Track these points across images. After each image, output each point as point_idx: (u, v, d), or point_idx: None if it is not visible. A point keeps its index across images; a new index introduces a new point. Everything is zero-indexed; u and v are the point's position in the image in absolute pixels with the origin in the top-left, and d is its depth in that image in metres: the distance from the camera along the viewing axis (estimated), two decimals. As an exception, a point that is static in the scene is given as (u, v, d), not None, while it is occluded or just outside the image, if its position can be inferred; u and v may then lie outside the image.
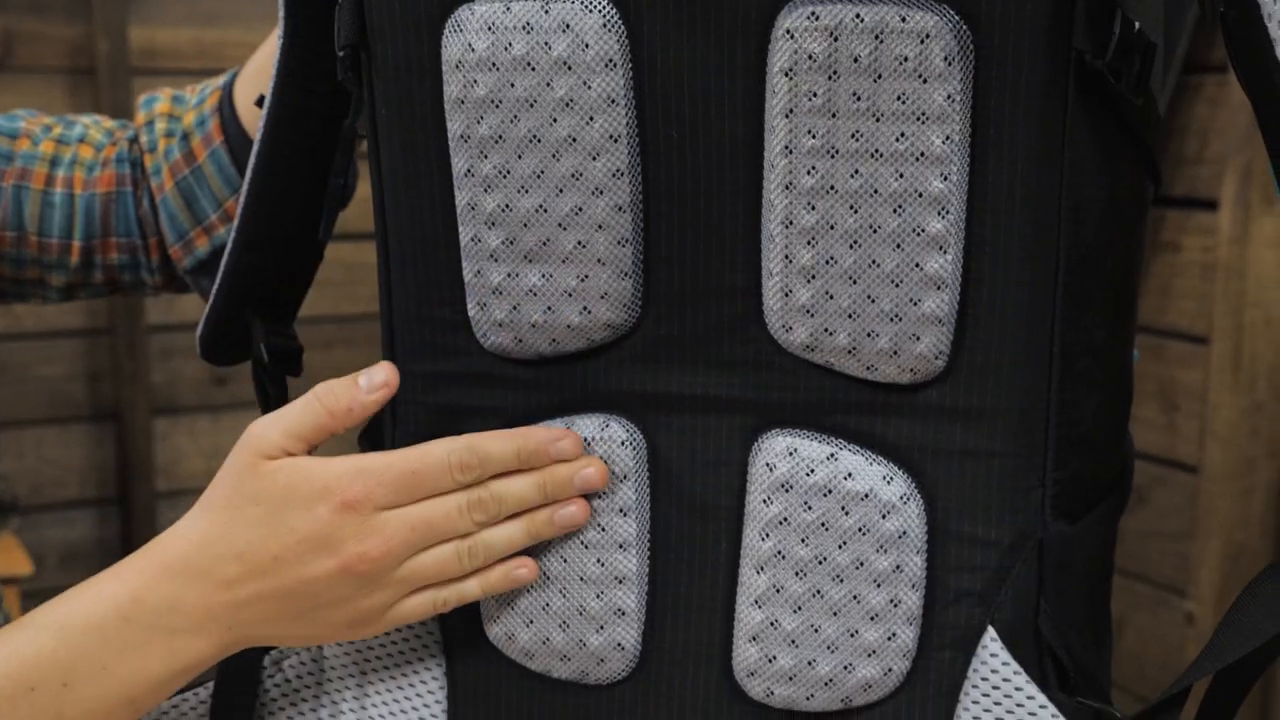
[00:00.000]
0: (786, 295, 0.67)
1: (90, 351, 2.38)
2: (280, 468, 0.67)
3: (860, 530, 0.68)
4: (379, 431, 0.77)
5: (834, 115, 0.63)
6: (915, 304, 0.65)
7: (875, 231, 0.64)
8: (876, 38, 0.62)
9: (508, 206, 0.68)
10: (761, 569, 0.70)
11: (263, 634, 0.69)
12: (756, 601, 0.70)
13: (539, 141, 0.67)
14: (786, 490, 0.69)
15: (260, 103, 0.77)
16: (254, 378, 0.81)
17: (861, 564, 0.68)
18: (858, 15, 0.62)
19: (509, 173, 0.68)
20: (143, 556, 0.68)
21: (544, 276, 0.69)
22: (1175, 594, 1.75)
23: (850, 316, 0.66)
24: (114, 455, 2.41)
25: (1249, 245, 1.61)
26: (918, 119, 0.62)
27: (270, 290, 0.81)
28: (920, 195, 0.63)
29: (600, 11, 0.65)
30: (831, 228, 0.65)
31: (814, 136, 0.64)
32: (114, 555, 2.41)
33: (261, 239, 0.79)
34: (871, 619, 0.69)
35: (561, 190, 0.67)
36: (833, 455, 0.68)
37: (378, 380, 0.69)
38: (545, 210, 0.68)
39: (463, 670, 0.76)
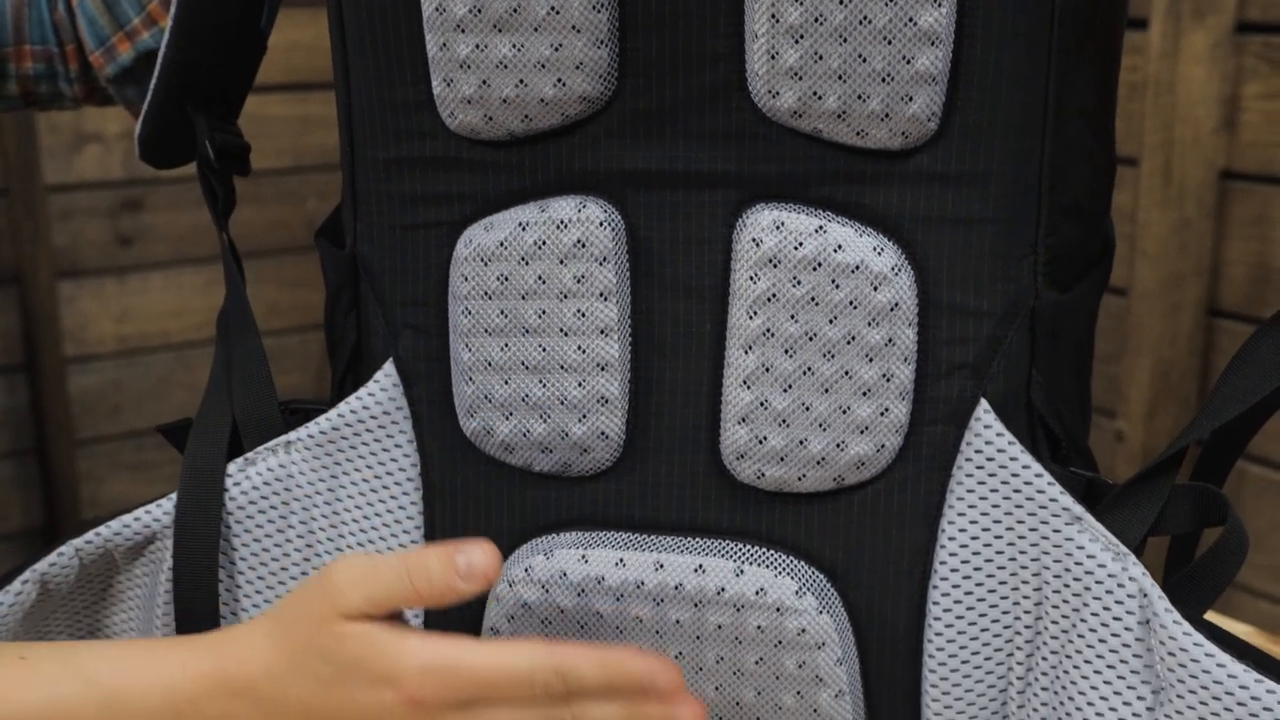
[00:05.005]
0: (773, 58, 0.64)
1: (-15, 214, 2.29)
2: (355, 635, 0.63)
3: (851, 303, 0.66)
4: (338, 228, 0.74)
5: None
6: (908, 62, 0.62)
7: (867, -16, 0.61)
8: None
9: (475, -30, 0.64)
10: (749, 348, 0.67)
11: None
12: (745, 382, 0.68)
13: (509, -105, 0.63)
14: (774, 265, 0.66)
15: (194, -124, 0.72)
16: (200, 178, 0.77)
17: (853, 338, 0.66)
18: None
19: (476, -68, 0.64)
20: (207, 657, 0.65)
21: (515, 47, 0.65)
22: (1104, 415, 1.76)
23: (840, 78, 0.63)
24: (18, 321, 2.33)
25: (1179, 61, 1.60)
26: None
27: (212, 85, 0.77)
28: (914, -57, 0.61)
29: None
30: (821, -18, 0.62)
31: (803, -119, 0.60)
32: (24, 423, 2.34)
33: (202, 29, 0.74)
34: (863, 394, 0.67)
35: (533, -50, 0.63)
36: (821, 227, 0.66)
37: (477, 570, 0.63)
38: (516, -28, 0.64)
39: (439, 470, 0.73)
